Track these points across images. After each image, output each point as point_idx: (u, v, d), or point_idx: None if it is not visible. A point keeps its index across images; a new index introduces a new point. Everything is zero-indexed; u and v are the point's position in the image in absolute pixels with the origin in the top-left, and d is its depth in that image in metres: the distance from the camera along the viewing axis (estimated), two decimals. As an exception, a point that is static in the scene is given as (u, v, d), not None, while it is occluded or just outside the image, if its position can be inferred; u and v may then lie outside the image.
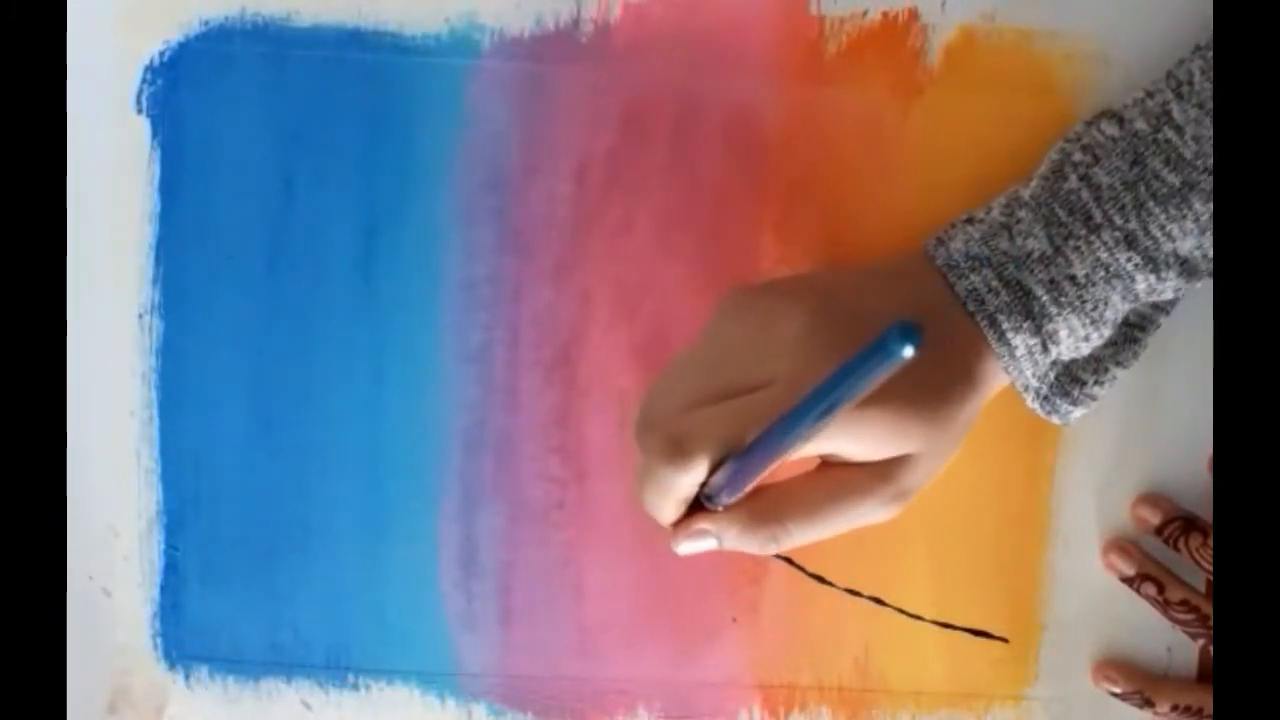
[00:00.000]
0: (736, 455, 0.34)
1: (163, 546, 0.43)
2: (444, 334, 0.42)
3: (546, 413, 0.43)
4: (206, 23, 0.41)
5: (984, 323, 0.37)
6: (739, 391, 0.35)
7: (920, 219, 0.42)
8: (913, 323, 0.26)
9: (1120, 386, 0.40)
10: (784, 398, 0.34)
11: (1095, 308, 0.37)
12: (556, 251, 0.42)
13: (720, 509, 0.36)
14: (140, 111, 0.42)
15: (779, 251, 0.42)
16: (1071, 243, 0.37)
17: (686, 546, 0.37)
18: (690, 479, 0.35)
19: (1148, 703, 0.42)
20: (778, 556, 0.42)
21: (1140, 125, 0.38)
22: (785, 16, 0.41)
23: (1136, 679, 0.43)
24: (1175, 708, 0.42)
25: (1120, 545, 0.43)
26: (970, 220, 0.39)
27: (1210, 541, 0.41)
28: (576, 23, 0.41)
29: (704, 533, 0.37)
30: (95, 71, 0.41)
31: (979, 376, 0.38)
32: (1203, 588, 0.42)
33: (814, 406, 0.29)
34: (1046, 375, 0.39)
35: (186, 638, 0.43)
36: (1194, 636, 0.42)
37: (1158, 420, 0.42)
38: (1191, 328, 0.41)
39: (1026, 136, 0.41)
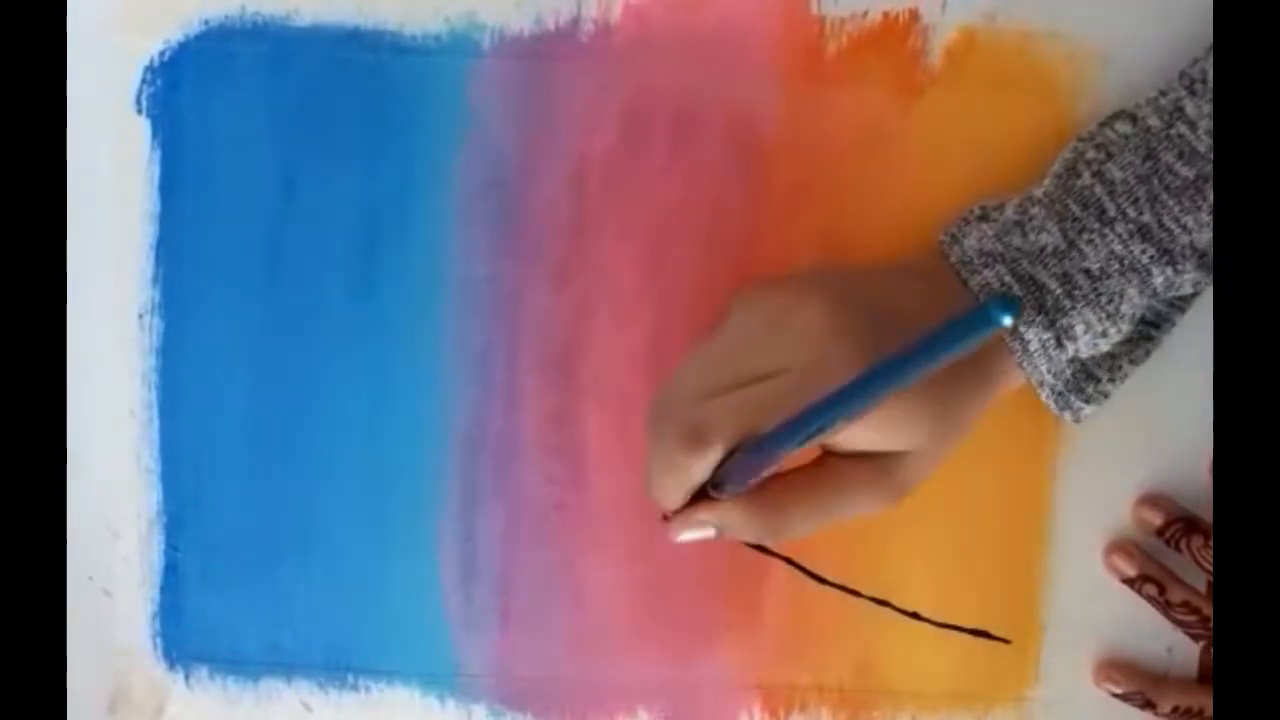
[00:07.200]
0: (750, 444, 0.34)
1: (163, 547, 0.43)
2: (444, 335, 0.42)
3: (546, 414, 0.43)
4: (207, 22, 0.41)
5: None
6: (755, 379, 0.35)
7: (920, 219, 0.42)
8: (1013, 295, 0.25)
9: (1122, 385, 0.40)
10: (800, 385, 0.34)
11: (1110, 301, 0.37)
12: (557, 252, 0.42)
13: (723, 498, 0.36)
14: (140, 111, 0.42)
15: (779, 252, 0.42)
16: (1085, 236, 0.37)
17: (687, 535, 0.37)
18: (704, 466, 0.35)
19: (1149, 704, 0.42)
20: (777, 556, 0.42)
21: (1153, 121, 0.38)
22: (786, 17, 0.41)
23: (1138, 680, 0.42)
24: (1176, 709, 0.42)
25: (1122, 546, 0.43)
26: (985, 217, 0.39)
27: (1212, 543, 0.41)
28: (577, 22, 0.41)
29: (704, 522, 0.36)
30: (95, 71, 0.41)
31: (991, 373, 0.38)
32: (1204, 589, 0.42)
33: (870, 386, 0.28)
34: (1063, 372, 0.39)
35: (186, 638, 0.43)
36: (1195, 638, 0.42)
37: (1159, 420, 0.42)
38: (1192, 328, 0.41)
39: (1027, 137, 0.41)
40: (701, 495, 0.36)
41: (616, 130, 0.42)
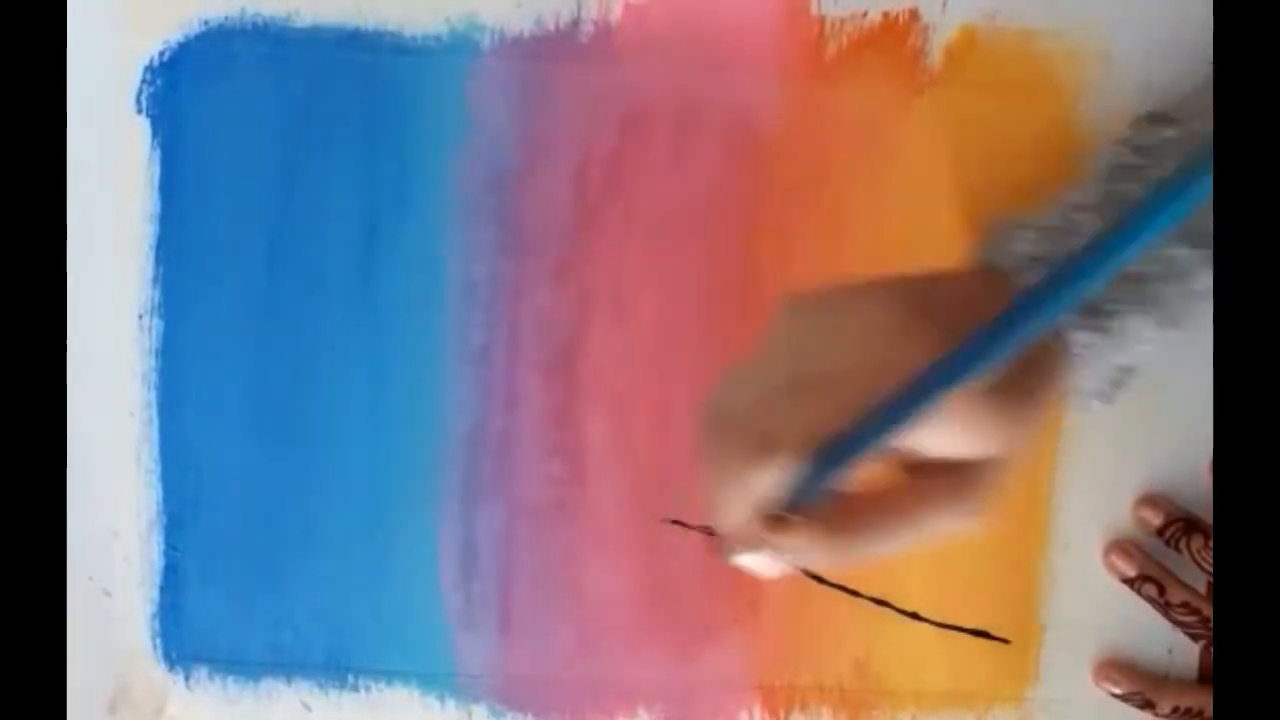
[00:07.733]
0: (820, 452, 0.31)
1: (163, 547, 0.43)
2: (444, 334, 0.42)
3: (547, 413, 0.43)
4: (207, 23, 0.41)
5: None
6: (817, 384, 0.32)
7: (920, 219, 0.42)
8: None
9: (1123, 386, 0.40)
10: (869, 387, 0.31)
11: (1154, 303, 0.37)
12: (557, 251, 0.42)
13: (791, 517, 0.32)
14: (140, 111, 0.42)
15: (779, 251, 0.42)
16: None
17: (746, 559, 0.33)
18: (774, 475, 0.31)
19: (1149, 704, 0.42)
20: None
21: (1195, 125, 0.38)
22: (786, 17, 0.41)
23: (1138, 680, 0.43)
24: (1176, 709, 0.42)
25: (1121, 546, 0.43)
26: (1024, 225, 0.39)
27: (1212, 543, 0.41)
28: (577, 23, 0.41)
29: (768, 542, 0.32)
30: (95, 71, 0.41)
31: (1049, 371, 0.36)
32: (1204, 589, 0.42)
33: (954, 370, 0.27)
34: (1106, 375, 0.38)
35: (186, 638, 0.43)
36: (1195, 638, 0.42)
37: (1159, 420, 0.42)
38: (1192, 327, 0.41)
39: (1027, 136, 0.41)
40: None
41: (617, 130, 0.42)
